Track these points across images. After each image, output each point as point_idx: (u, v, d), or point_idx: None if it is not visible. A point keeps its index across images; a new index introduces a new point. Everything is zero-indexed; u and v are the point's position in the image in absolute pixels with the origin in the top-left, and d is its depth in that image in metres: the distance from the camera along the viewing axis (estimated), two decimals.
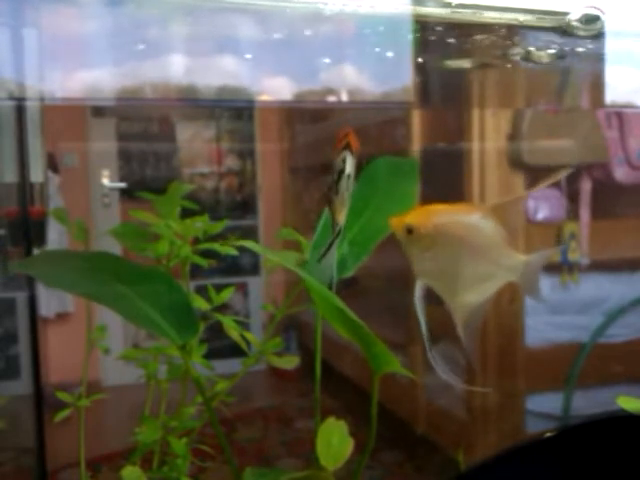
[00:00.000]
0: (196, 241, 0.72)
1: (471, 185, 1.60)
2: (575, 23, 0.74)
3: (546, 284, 1.74)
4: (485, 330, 1.63)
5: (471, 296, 0.50)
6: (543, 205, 1.71)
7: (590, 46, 0.82)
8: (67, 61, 0.83)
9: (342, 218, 0.51)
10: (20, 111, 1.40)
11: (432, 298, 0.52)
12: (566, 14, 0.76)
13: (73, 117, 2.69)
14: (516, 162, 1.62)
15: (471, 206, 0.50)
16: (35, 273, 0.61)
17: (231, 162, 3.13)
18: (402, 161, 0.76)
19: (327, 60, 0.89)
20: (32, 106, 1.55)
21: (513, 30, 0.81)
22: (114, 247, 0.74)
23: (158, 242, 0.70)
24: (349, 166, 0.50)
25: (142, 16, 0.78)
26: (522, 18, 0.77)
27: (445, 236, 0.49)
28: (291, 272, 0.49)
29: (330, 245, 0.51)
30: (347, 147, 0.50)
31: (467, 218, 0.50)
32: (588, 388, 1.69)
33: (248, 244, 0.50)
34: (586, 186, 1.74)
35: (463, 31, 0.80)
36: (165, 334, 0.54)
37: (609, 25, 0.78)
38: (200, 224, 0.72)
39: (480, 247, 0.49)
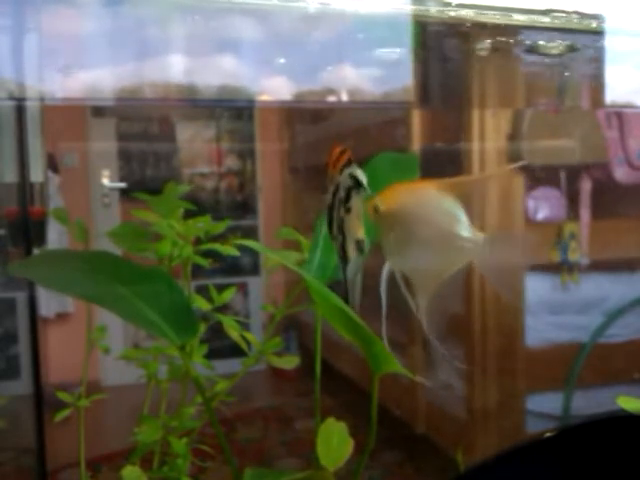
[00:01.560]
0: (197, 241, 0.72)
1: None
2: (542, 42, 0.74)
3: (546, 284, 1.74)
4: (485, 330, 1.63)
5: (432, 275, 0.49)
6: (543, 205, 1.71)
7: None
8: (67, 61, 0.83)
9: (362, 232, 0.50)
10: (20, 111, 1.40)
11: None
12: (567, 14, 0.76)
13: (73, 117, 2.69)
14: (516, 162, 1.62)
15: (432, 183, 0.49)
16: (33, 276, 0.61)
17: (231, 162, 3.13)
18: (402, 157, 0.76)
19: (327, 60, 0.89)
20: (32, 106, 1.55)
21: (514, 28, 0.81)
22: (114, 247, 0.74)
23: (160, 242, 0.70)
24: (361, 176, 0.48)
25: (142, 16, 0.78)
26: (522, 18, 0.77)
27: (405, 214, 0.49)
28: (291, 272, 0.49)
29: (357, 265, 0.50)
30: (348, 164, 0.49)
31: (426, 195, 0.49)
32: (588, 388, 1.69)
33: (249, 243, 0.50)
34: (586, 186, 1.74)
35: (464, 30, 0.80)
36: (164, 335, 0.54)
37: (609, 24, 0.78)
38: (202, 224, 0.72)
39: (438, 224, 0.49)
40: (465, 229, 0.48)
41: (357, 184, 0.48)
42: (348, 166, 0.49)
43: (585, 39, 0.83)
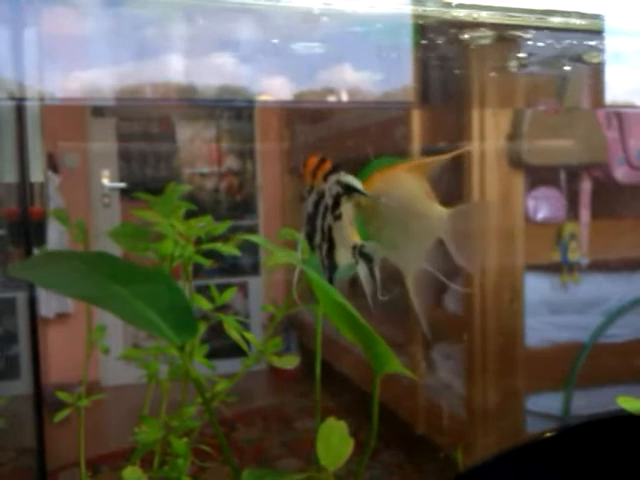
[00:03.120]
0: (198, 241, 0.72)
1: (471, 185, 1.60)
2: None
3: (546, 284, 1.74)
4: (485, 330, 1.63)
5: (410, 255, 0.50)
6: (543, 205, 1.71)
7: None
8: (67, 61, 0.83)
9: (357, 237, 0.50)
10: (20, 111, 1.40)
11: (432, 298, 0.52)
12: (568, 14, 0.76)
13: (73, 117, 2.69)
14: (516, 162, 1.62)
15: (399, 166, 0.50)
16: (33, 277, 0.61)
17: (231, 162, 3.13)
18: (400, 162, 0.76)
19: (327, 60, 0.89)
20: (32, 106, 1.55)
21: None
22: (114, 247, 0.74)
23: (162, 242, 0.70)
24: (354, 182, 0.48)
25: (142, 16, 0.78)
26: (522, 18, 0.77)
27: (379, 201, 0.50)
28: (291, 272, 0.49)
29: (370, 269, 0.50)
30: (333, 171, 0.49)
31: (394, 179, 0.51)
32: (588, 388, 1.69)
33: (254, 237, 0.50)
34: (586, 186, 1.74)
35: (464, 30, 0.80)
36: (163, 334, 0.54)
37: (609, 24, 0.78)
38: (203, 224, 0.72)
39: (406, 205, 0.50)
40: (429, 207, 0.49)
41: (347, 190, 0.48)
42: (333, 173, 0.49)
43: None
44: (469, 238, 0.49)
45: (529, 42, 0.86)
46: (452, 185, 1.71)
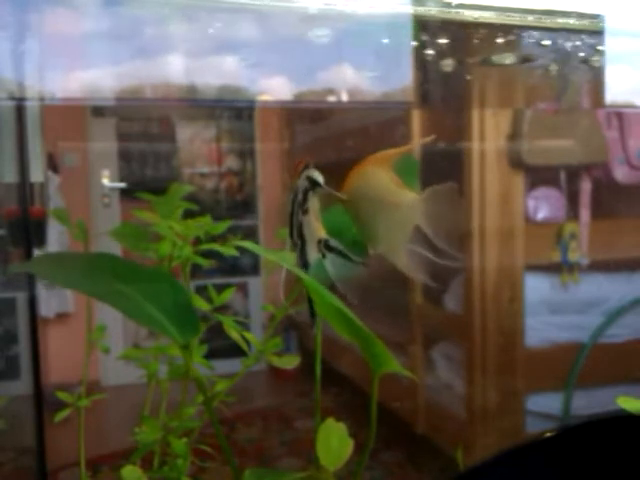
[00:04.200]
0: (197, 241, 0.72)
1: (471, 185, 1.60)
2: None
3: (546, 284, 1.74)
4: (485, 330, 1.63)
5: (394, 244, 0.51)
6: (543, 205, 1.71)
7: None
8: (67, 61, 0.83)
9: (323, 232, 0.51)
10: (20, 111, 1.40)
11: (432, 298, 0.53)
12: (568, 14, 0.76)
13: (73, 117, 2.69)
14: (516, 162, 1.62)
15: (368, 160, 0.52)
16: (37, 272, 0.61)
17: (231, 162, 3.13)
18: (402, 159, 0.76)
19: (327, 60, 0.89)
20: (32, 106, 1.55)
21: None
22: (114, 247, 0.74)
23: (160, 242, 0.70)
24: (318, 176, 0.50)
25: (142, 16, 0.78)
26: (522, 18, 0.77)
27: (356, 198, 0.52)
28: (290, 272, 0.49)
29: (345, 256, 0.51)
30: (305, 168, 0.50)
31: (365, 173, 0.52)
32: (588, 388, 1.69)
33: (247, 244, 0.50)
34: (586, 186, 1.74)
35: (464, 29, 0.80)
36: (168, 333, 0.54)
37: (609, 24, 0.78)
38: (202, 224, 0.72)
39: (379, 197, 0.51)
40: (401, 195, 0.51)
41: (313, 184, 0.50)
42: (305, 170, 0.50)
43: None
44: (444, 219, 0.50)
45: (529, 42, 0.86)
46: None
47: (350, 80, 0.93)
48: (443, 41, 0.84)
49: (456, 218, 0.52)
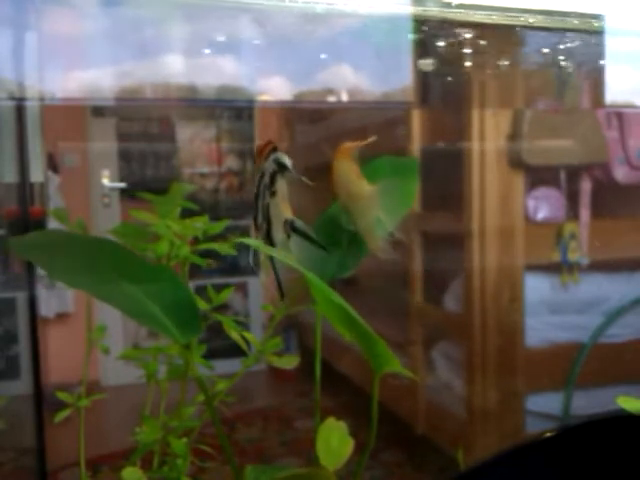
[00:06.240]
0: (196, 241, 0.72)
1: (471, 185, 1.60)
2: None
3: (546, 284, 1.74)
4: (485, 330, 1.63)
5: (367, 227, 0.56)
6: (543, 205, 1.71)
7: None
8: (67, 61, 0.83)
9: (289, 213, 0.52)
10: (20, 111, 1.40)
11: (432, 298, 0.53)
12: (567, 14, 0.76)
13: (73, 117, 2.69)
14: (516, 162, 1.62)
15: (338, 154, 0.56)
16: (34, 258, 0.60)
17: (231, 162, 3.13)
18: (402, 160, 0.76)
19: (327, 60, 0.89)
20: (32, 106, 1.55)
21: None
22: None
23: (158, 242, 0.70)
24: (286, 160, 0.51)
25: (142, 16, 0.78)
26: (522, 19, 0.77)
27: (336, 188, 0.57)
28: (290, 272, 0.49)
29: (307, 238, 0.52)
30: (273, 151, 0.51)
31: (338, 167, 0.57)
32: (588, 388, 1.69)
33: (248, 241, 0.50)
34: (586, 186, 1.74)
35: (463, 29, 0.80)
36: (168, 333, 0.54)
37: (609, 24, 0.78)
38: (200, 224, 0.72)
39: (346, 188, 0.56)
40: (361, 187, 0.55)
41: (280, 167, 0.51)
42: (273, 153, 0.52)
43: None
44: (396, 209, 0.55)
45: (529, 42, 0.86)
46: (452, 185, 1.71)
47: (350, 80, 0.93)
48: (443, 41, 0.84)
49: (408, 209, 0.59)
